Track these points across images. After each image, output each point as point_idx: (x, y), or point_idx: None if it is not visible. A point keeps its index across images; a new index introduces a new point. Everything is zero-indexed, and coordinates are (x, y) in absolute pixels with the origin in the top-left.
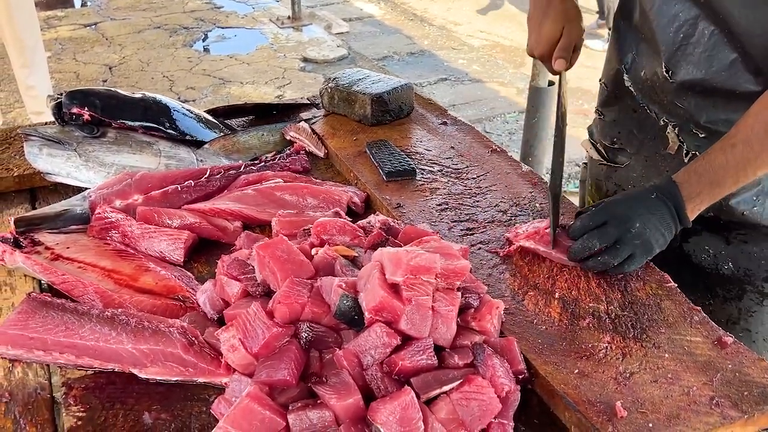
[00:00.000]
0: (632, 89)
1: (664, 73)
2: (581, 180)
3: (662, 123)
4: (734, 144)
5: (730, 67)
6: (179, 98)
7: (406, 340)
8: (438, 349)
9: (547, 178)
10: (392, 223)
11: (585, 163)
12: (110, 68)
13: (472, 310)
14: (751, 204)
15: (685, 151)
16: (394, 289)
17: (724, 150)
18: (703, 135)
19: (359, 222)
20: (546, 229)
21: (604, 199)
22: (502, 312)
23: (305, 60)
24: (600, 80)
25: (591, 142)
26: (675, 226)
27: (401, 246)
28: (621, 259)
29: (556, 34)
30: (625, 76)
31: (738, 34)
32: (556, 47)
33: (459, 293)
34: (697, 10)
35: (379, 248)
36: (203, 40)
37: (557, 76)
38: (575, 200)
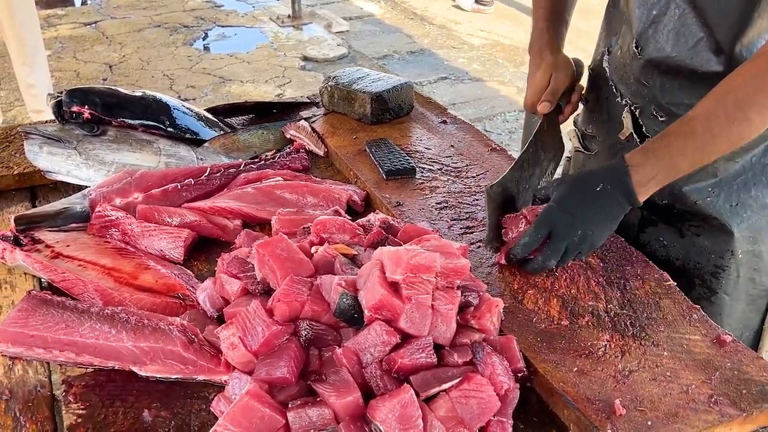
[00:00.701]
0: (607, 70)
1: (634, 48)
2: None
3: (624, 103)
4: (694, 129)
5: (695, 46)
6: (179, 97)
7: (406, 338)
8: (437, 348)
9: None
10: (392, 222)
11: (568, 157)
12: (110, 67)
13: (472, 308)
14: (705, 194)
15: (637, 140)
16: (394, 287)
17: (684, 134)
18: (663, 119)
19: (359, 220)
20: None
21: (545, 204)
22: (502, 310)
23: (305, 59)
24: (588, 66)
25: (575, 131)
26: (624, 211)
27: (401, 244)
28: (564, 263)
29: (544, 82)
30: (605, 58)
31: (704, 13)
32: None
33: (459, 292)
34: None
35: (379, 247)
36: (203, 39)
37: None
38: None
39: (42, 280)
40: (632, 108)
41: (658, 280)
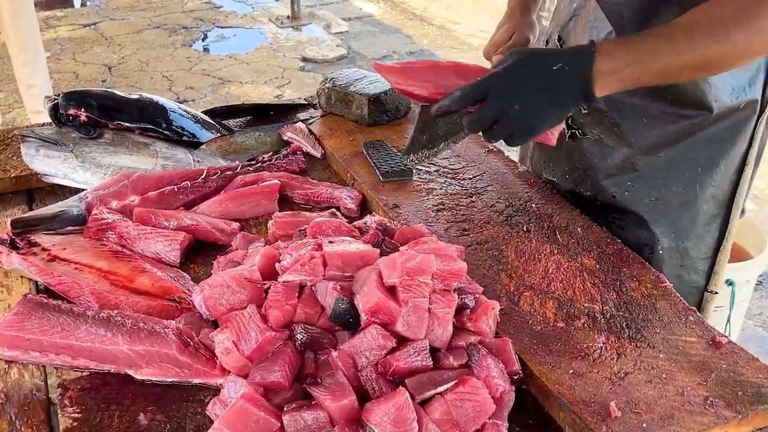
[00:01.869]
0: None
1: (556, 42)
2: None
3: None
4: (674, 34)
5: (607, 38)
6: (178, 98)
7: (402, 341)
8: (433, 350)
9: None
10: (388, 224)
11: None
12: (109, 68)
13: (468, 310)
14: (624, 188)
15: (570, 131)
16: (391, 291)
17: (662, 36)
18: (586, 111)
19: (355, 222)
20: None
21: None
22: (498, 312)
23: (305, 59)
24: None
25: None
26: (575, 102)
27: (398, 246)
28: (494, 140)
29: (504, 38)
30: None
31: (614, 7)
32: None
33: (456, 295)
34: None
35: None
36: (202, 40)
37: None
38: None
39: (38, 283)
40: None
41: (654, 282)
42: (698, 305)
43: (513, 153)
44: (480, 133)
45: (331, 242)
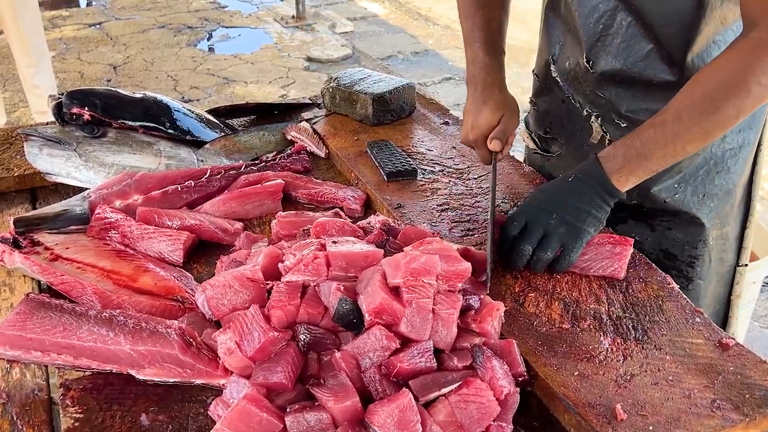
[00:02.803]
0: (559, 80)
1: (585, 63)
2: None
3: (586, 113)
4: (665, 120)
5: (646, 58)
6: (183, 98)
7: (405, 342)
8: (437, 352)
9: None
10: (392, 224)
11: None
12: (114, 68)
13: (473, 311)
14: (673, 191)
15: (608, 141)
16: (395, 291)
17: (654, 125)
18: (624, 125)
19: (359, 222)
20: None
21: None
22: (503, 314)
23: (309, 59)
24: (533, 71)
25: (527, 132)
26: (605, 201)
27: (402, 246)
28: (553, 250)
29: (493, 121)
30: (552, 67)
31: (651, 25)
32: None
33: (460, 296)
34: (615, 1)
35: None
36: (207, 40)
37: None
38: None
39: (41, 282)
40: (595, 116)
41: (661, 284)
42: (732, 280)
43: (518, 153)
44: (534, 259)
45: (334, 242)
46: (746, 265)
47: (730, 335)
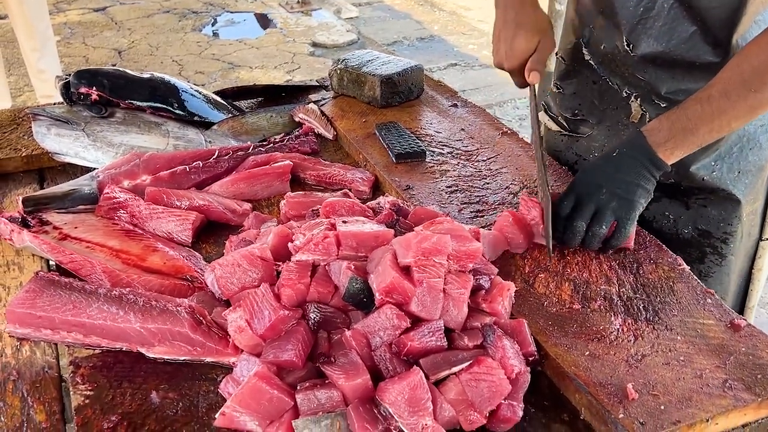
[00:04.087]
0: (592, 62)
1: (625, 46)
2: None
3: (625, 94)
4: (711, 95)
5: (690, 40)
6: (188, 83)
7: (416, 321)
8: (447, 331)
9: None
10: (402, 204)
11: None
12: (119, 52)
13: (483, 291)
14: (710, 169)
15: (648, 119)
16: (406, 271)
17: (700, 100)
18: (664, 105)
19: (369, 203)
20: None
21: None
22: (513, 294)
23: (314, 45)
24: (556, 54)
25: (549, 115)
26: (652, 173)
27: (412, 227)
28: (607, 224)
29: (530, 46)
30: (585, 50)
31: (696, 7)
32: (528, 60)
33: (471, 276)
34: None
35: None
36: (212, 25)
37: (527, 89)
38: None
39: (50, 261)
40: (635, 96)
41: (672, 264)
42: (754, 255)
43: (526, 136)
44: (588, 236)
45: (344, 222)
46: (767, 239)
47: (743, 316)
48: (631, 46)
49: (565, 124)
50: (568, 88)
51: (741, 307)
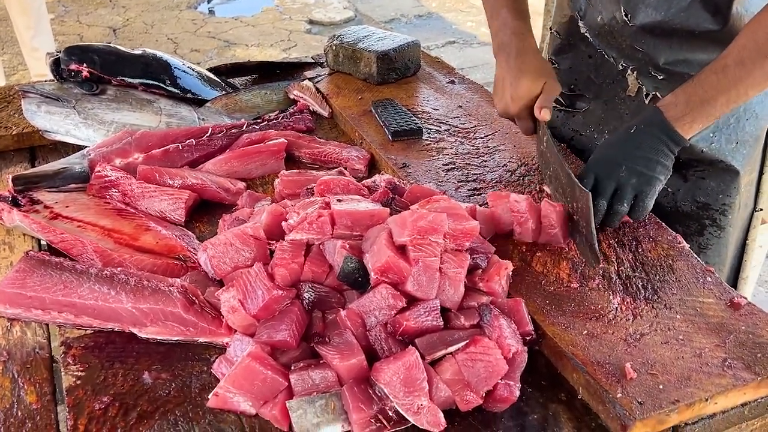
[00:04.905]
0: (588, 35)
1: (623, 17)
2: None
3: (621, 67)
4: (726, 65)
5: (689, 8)
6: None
7: (412, 301)
8: (444, 311)
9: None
10: (398, 183)
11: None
12: (114, 30)
13: (480, 270)
14: (709, 141)
15: (645, 93)
16: (402, 250)
17: (716, 71)
18: (662, 77)
19: (364, 181)
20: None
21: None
22: (510, 273)
23: (311, 22)
24: (550, 29)
25: None
26: (671, 149)
27: (408, 205)
28: (628, 202)
29: (536, 90)
30: (581, 23)
31: None
32: (533, 103)
33: (467, 255)
34: None
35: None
36: (208, 2)
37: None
38: None
39: (41, 241)
40: (631, 69)
41: (671, 243)
42: (749, 225)
43: None
44: (610, 213)
45: (339, 201)
46: (761, 209)
47: (738, 291)
48: (629, 16)
49: (561, 99)
50: (564, 63)
51: (735, 278)
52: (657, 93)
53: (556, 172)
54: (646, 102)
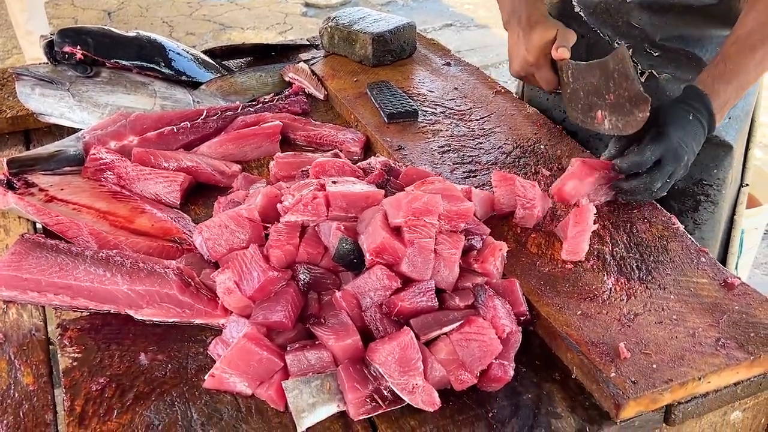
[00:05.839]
0: (582, 14)
1: None
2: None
3: (616, 45)
4: (753, 44)
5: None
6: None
7: (407, 282)
8: (438, 291)
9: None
10: (393, 164)
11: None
12: (109, 14)
13: (475, 252)
14: None
15: (638, 71)
16: (396, 231)
17: (744, 52)
18: (657, 53)
19: (360, 163)
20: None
21: (652, 129)
22: (505, 254)
23: (307, 5)
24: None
25: None
26: (705, 135)
27: (403, 187)
28: (667, 189)
29: (550, 35)
30: (574, 2)
31: None
32: (550, 50)
33: (462, 236)
34: None
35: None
36: None
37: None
38: None
39: (36, 224)
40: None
41: (666, 224)
42: (737, 200)
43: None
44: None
45: (334, 182)
46: (747, 185)
47: (735, 274)
48: None
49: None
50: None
51: (725, 254)
52: (652, 71)
53: (598, 89)
54: (642, 80)
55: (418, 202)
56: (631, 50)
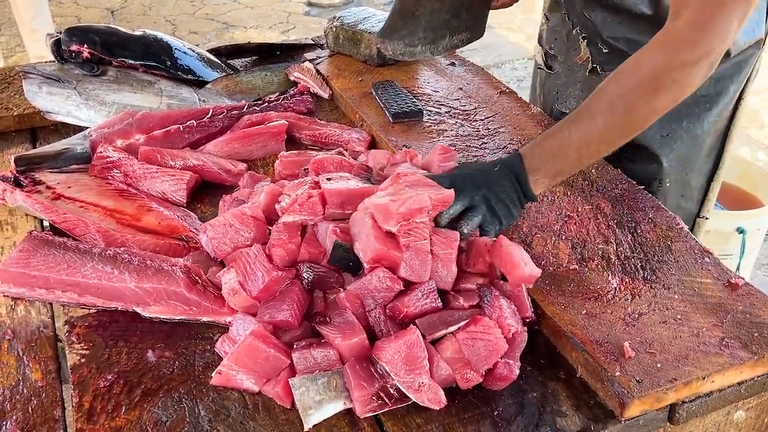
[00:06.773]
0: None
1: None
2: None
3: (575, 32)
4: (579, 119)
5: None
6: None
7: (408, 283)
8: (441, 293)
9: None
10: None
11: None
12: (112, 12)
13: (463, 254)
14: None
15: (591, 63)
16: (390, 235)
17: (569, 124)
18: (606, 50)
19: (363, 161)
20: None
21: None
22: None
23: (310, 4)
24: None
25: (539, 49)
26: (519, 198)
27: (385, 176)
28: (474, 224)
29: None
30: None
31: None
32: None
33: (457, 234)
34: None
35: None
36: None
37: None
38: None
39: (43, 221)
40: (582, 37)
41: (670, 224)
42: (691, 230)
43: (525, 97)
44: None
45: (328, 179)
46: (707, 218)
47: (740, 275)
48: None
49: (544, 58)
50: (552, 20)
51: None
52: (602, 67)
53: None
54: (600, 72)
55: (405, 205)
56: (586, 41)
